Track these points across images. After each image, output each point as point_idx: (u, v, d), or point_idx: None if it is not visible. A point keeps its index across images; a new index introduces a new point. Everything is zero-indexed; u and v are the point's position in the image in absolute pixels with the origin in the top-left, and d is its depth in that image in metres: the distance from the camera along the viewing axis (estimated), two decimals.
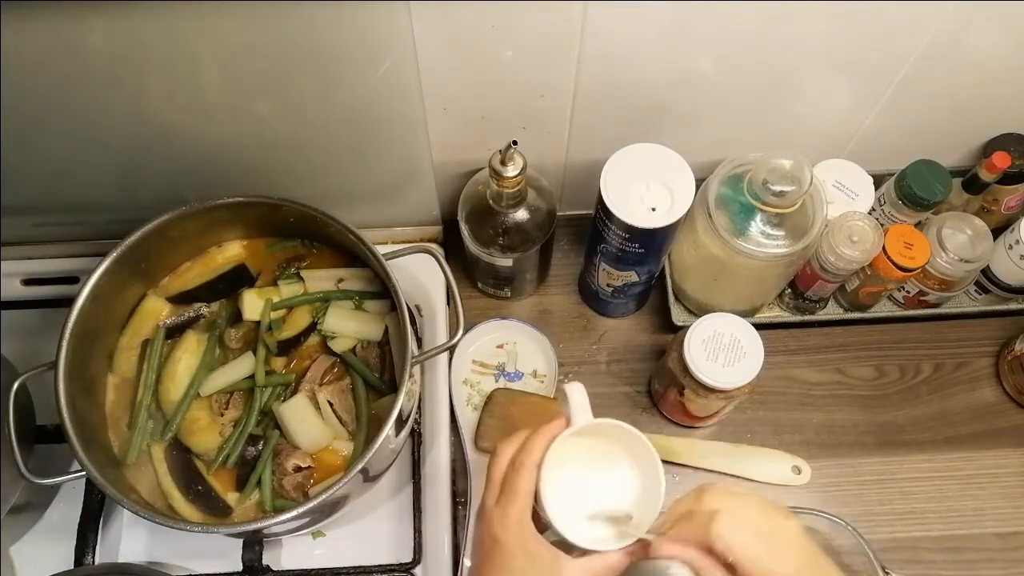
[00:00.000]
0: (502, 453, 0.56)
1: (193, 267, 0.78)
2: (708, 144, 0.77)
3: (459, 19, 0.61)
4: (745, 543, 0.48)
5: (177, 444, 0.72)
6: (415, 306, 0.85)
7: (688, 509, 0.51)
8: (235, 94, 0.66)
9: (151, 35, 0.58)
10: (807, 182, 0.68)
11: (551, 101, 0.72)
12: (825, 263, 0.77)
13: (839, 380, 0.87)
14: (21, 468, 0.65)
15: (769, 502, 0.52)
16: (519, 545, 0.53)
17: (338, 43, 0.61)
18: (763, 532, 0.49)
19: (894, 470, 0.82)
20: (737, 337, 0.71)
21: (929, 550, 0.79)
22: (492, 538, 0.54)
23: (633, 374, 0.87)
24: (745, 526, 0.49)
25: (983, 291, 0.86)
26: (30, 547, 0.78)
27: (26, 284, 0.88)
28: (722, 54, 0.68)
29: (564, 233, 0.93)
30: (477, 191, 0.76)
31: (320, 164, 0.77)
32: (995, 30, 0.67)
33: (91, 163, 0.74)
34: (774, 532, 0.49)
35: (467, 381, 0.85)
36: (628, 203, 0.69)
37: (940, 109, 0.77)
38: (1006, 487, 0.82)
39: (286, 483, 0.70)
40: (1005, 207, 0.83)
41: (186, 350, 0.74)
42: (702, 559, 0.50)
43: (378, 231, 0.88)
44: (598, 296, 0.86)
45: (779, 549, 0.49)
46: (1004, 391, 0.86)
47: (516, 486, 0.54)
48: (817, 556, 0.50)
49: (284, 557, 0.78)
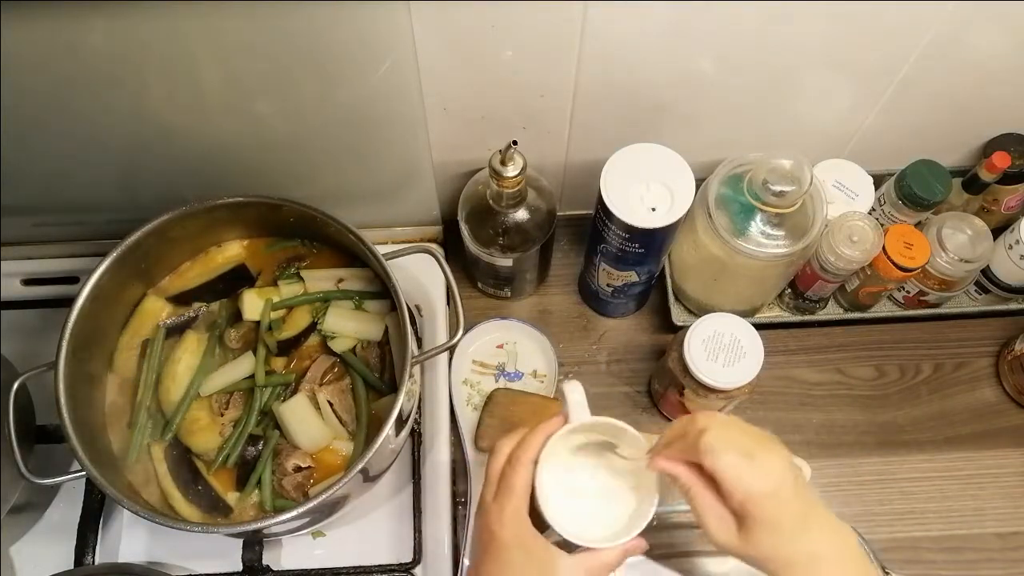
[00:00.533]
0: (500, 450, 0.57)
1: (193, 267, 0.78)
2: (708, 144, 0.77)
3: (459, 19, 0.61)
4: (729, 458, 0.50)
5: (177, 444, 0.72)
6: (415, 306, 0.85)
7: (682, 430, 0.53)
8: (235, 94, 0.66)
9: (151, 35, 0.58)
10: (807, 182, 0.68)
11: (551, 101, 0.72)
12: (825, 263, 0.77)
13: (839, 380, 0.87)
14: (21, 468, 0.65)
15: (758, 430, 0.53)
16: (515, 540, 0.54)
17: (338, 43, 0.61)
18: (747, 451, 0.51)
19: (894, 470, 0.82)
20: (737, 337, 0.71)
21: (929, 550, 0.79)
22: (489, 533, 0.55)
23: (633, 374, 0.87)
24: (731, 443, 0.51)
25: (983, 291, 0.86)
26: (30, 547, 0.78)
27: (26, 284, 0.88)
28: (722, 54, 0.68)
29: (564, 233, 0.93)
30: (477, 191, 0.76)
31: (320, 164, 0.77)
32: (995, 30, 0.67)
33: (91, 163, 0.74)
34: (758, 453, 0.51)
35: (467, 381, 0.85)
36: (628, 203, 0.69)
37: (940, 109, 0.77)
38: (1006, 487, 0.82)
39: (286, 483, 0.70)
40: (1005, 207, 0.83)
41: (186, 350, 0.74)
42: (690, 476, 0.52)
43: (378, 231, 0.88)
44: (598, 296, 0.86)
45: (761, 468, 0.50)
46: (1004, 391, 0.86)
47: (513, 482, 0.55)
48: (801, 484, 0.52)
49: (284, 557, 0.78)
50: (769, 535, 0.50)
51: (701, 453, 0.50)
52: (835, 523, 0.52)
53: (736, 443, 0.51)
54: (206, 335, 0.76)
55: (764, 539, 0.50)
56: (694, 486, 0.52)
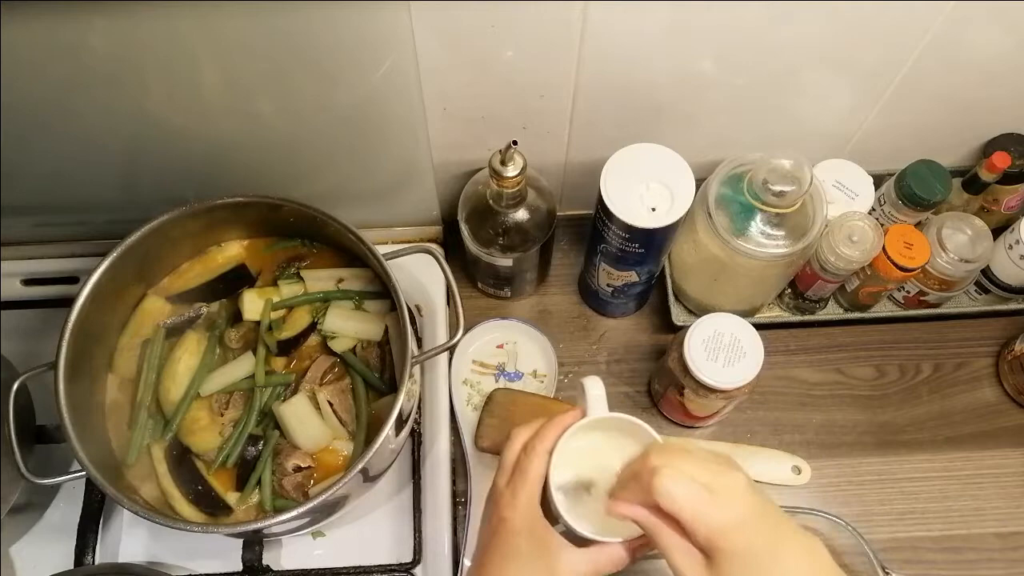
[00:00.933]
0: (516, 437, 0.58)
1: (193, 267, 0.78)
2: (708, 144, 0.77)
3: (459, 19, 0.61)
4: (686, 495, 0.48)
5: (177, 444, 0.72)
6: (415, 306, 0.85)
7: (635, 471, 0.51)
8: (235, 94, 0.66)
9: (151, 35, 0.58)
10: (807, 182, 0.68)
11: (551, 101, 0.72)
12: (825, 263, 0.77)
13: (839, 380, 0.87)
14: (21, 468, 0.65)
15: (713, 455, 0.52)
16: (525, 527, 0.54)
17: (338, 43, 0.61)
18: (704, 483, 0.49)
19: (894, 470, 0.82)
20: (737, 337, 0.71)
21: (929, 550, 0.79)
22: (499, 517, 0.55)
23: (633, 374, 0.87)
24: (684, 479, 0.49)
25: (983, 291, 0.86)
26: (30, 547, 0.78)
27: (26, 284, 0.88)
28: (722, 54, 0.68)
29: (564, 233, 0.93)
30: (477, 191, 0.76)
31: (320, 164, 0.77)
32: (995, 30, 0.67)
33: (91, 163, 0.74)
34: (715, 484, 0.49)
35: (467, 381, 0.85)
36: (628, 203, 0.69)
37: (940, 109, 0.77)
38: (1006, 487, 0.82)
39: (286, 483, 0.70)
40: (1005, 207, 0.83)
41: (186, 350, 0.74)
42: (650, 518, 0.50)
43: (378, 231, 0.88)
44: (598, 296, 0.86)
45: (721, 500, 0.48)
46: (1004, 391, 0.86)
47: (527, 470, 0.55)
48: (765, 506, 0.50)
49: (284, 557, 0.78)
50: (740, 567, 0.48)
51: (656, 496, 0.48)
52: (805, 539, 0.50)
53: (691, 478, 0.49)
54: (206, 335, 0.76)
55: (736, 571, 0.48)
56: (655, 527, 0.50)
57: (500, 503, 0.55)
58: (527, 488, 0.54)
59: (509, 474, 0.56)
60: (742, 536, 0.48)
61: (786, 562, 0.49)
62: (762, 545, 0.48)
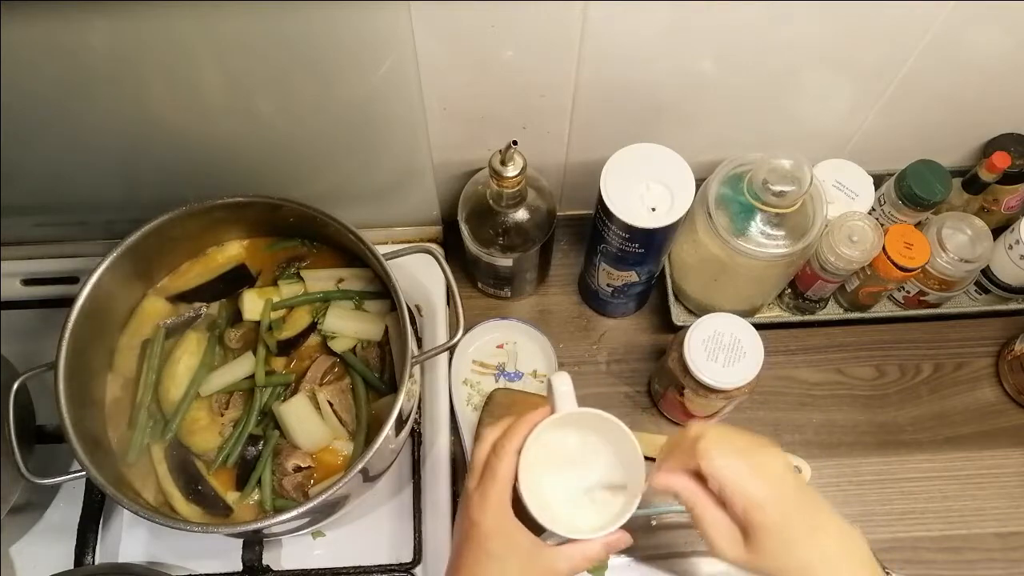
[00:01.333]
0: (485, 438, 0.57)
1: (193, 267, 0.78)
2: (708, 144, 0.77)
3: (459, 19, 0.61)
4: (727, 462, 0.49)
5: (177, 444, 0.72)
6: (415, 306, 0.85)
7: (676, 442, 0.53)
8: (235, 94, 0.66)
9: (151, 35, 0.58)
10: (807, 182, 0.68)
11: (551, 101, 0.72)
12: (825, 263, 0.77)
13: (839, 380, 0.87)
14: (21, 468, 0.65)
15: (752, 435, 0.53)
16: (496, 529, 0.53)
17: (338, 43, 0.61)
18: (744, 452, 0.50)
19: (894, 470, 0.82)
20: (737, 337, 0.71)
21: (929, 550, 0.79)
22: (470, 521, 0.54)
23: (633, 374, 0.87)
24: (728, 445, 0.50)
25: (983, 291, 0.86)
26: (30, 547, 0.78)
27: (26, 284, 0.88)
28: (722, 54, 0.68)
29: (564, 233, 0.93)
30: (477, 191, 0.76)
31: (320, 164, 0.77)
32: (995, 30, 0.67)
33: (91, 163, 0.74)
34: (755, 456, 0.50)
35: (467, 381, 0.85)
36: (628, 203, 0.69)
37: (940, 109, 0.77)
38: (1006, 487, 0.82)
39: (286, 483, 0.70)
40: (1005, 207, 0.83)
41: (186, 350, 0.74)
42: (692, 490, 0.51)
43: (378, 231, 0.88)
44: (598, 296, 0.86)
45: (759, 469, 0.49)
46: (1004, 391, 0.86)
47: (496, 470, 0.54)
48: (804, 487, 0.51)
49: (284, 557, 0.78)
50: (777, 542, 0.48)
51: (698, 458, 0.49)
52: (843, 524, 0.51)
53: (732, 446, 0.50)
54: (206, 335, 0.76)
55: (773, 547, 0.48)
56: (697, 501, 0.51)
57: (470, 506, 0.54)
58: (496, 489, 0.54)
59: (479, 476, 0.55)
60: (779, 511, 0.48)
61: (823, 543, 0.49)
62: (799, 523, 0.49)
